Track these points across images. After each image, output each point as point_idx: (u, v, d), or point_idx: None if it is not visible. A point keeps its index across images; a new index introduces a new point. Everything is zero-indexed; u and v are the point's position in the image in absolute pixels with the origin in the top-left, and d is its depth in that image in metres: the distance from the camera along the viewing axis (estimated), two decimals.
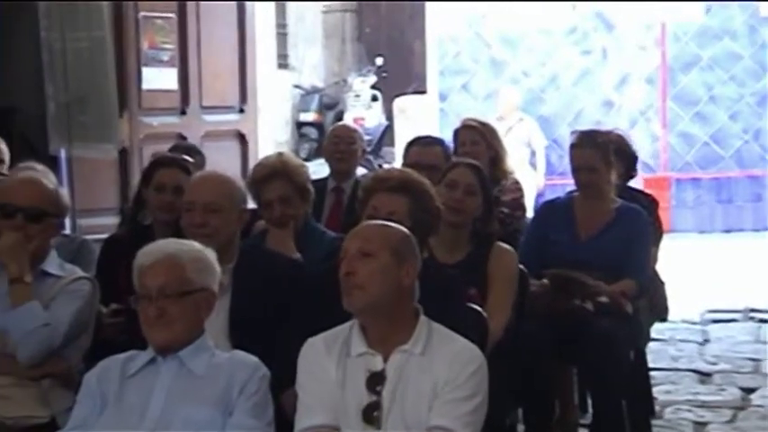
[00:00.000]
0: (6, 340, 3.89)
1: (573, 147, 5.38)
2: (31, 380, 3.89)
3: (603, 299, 5.03)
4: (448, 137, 6.35)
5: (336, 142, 6.33)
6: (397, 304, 3.29)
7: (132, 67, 8.81)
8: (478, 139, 6.01)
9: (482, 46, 12.20)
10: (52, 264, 4.10)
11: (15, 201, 4.02)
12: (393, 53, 16.92)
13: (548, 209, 5.60)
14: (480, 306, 4.21)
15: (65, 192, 4.25)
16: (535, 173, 11.23)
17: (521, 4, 11.87)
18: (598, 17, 11.98)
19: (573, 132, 5.55)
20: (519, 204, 5.94)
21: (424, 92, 13.72)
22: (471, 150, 5.89)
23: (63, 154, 7.59)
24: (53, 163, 7.41)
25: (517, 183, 6.05)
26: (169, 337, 3.35)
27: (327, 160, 6.38)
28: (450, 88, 12.24)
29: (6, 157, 6.33)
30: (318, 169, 6.44)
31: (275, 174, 4.73)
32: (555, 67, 12.06)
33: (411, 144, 5.89)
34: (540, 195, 10.77)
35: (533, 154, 11.38)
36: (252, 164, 6.74)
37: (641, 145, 10.95)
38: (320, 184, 5.90)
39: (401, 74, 16.43)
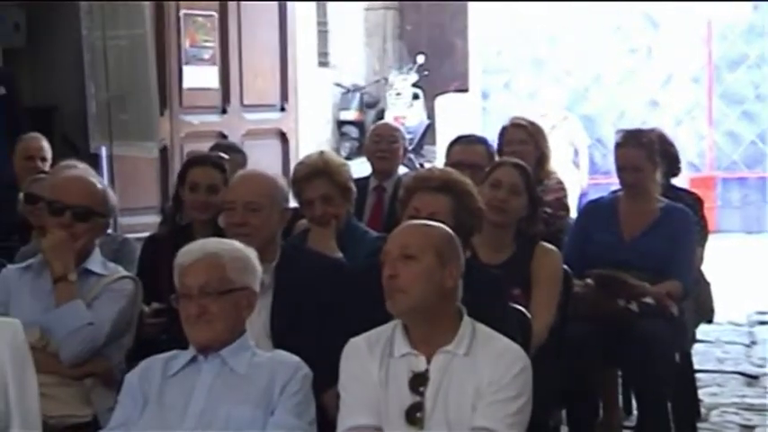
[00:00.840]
0: (50, 339, 3.90)
1: (618, 146, 5.32)
2: (73, 379, 3.90)
3: (648, 300, 4.97)
4: (490, 136, 6.30)
5: (378, 141, 6.30)
6: (441, 306, 3.25)
7: (173, 66, 8.84)
8: (526, 139, 5.93)
9: (524, 44, 12.13)
10: (95, 262, 4.10)
11: (64, 198, 4.04)
12: (434, 51, 16.87)
13: (591, 208, 5.55)
14: (524, 306, 4.17)
15: (112, 192, 4.25)
16: (578, 172, 11.14)
17: (564, 3, 11.79)
18: (644, 15, 11.87)
19: (618, 131, 5.49)
20: (562, 204, 5.87)
21: (465, 90, 13.66)
22: (519, 149, 5.82)
23: (104, 152, 7.62)
24: (94, 161, 7.45)
25: (560, 182, 5.99)
26: (210, 335, 3.34)
27: (369, 159, 6.35)
28: (493, 87, 12.18)
29: (48, 154, 6.37)
30: (359, 168, 6.40)
31: (317, 172, 4.71)
32: (599, 66, 11.97)
33: (453, 143, 5.85)
34: (583, 195, 10.68)
35: (576, 153, 11.29)
36: (293, 162, 6.73)
37: (687, 144, 10.87)
38: (362, 183, 5.87)
39: (442, 72, 16.39)
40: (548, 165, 5.98)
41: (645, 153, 5.23)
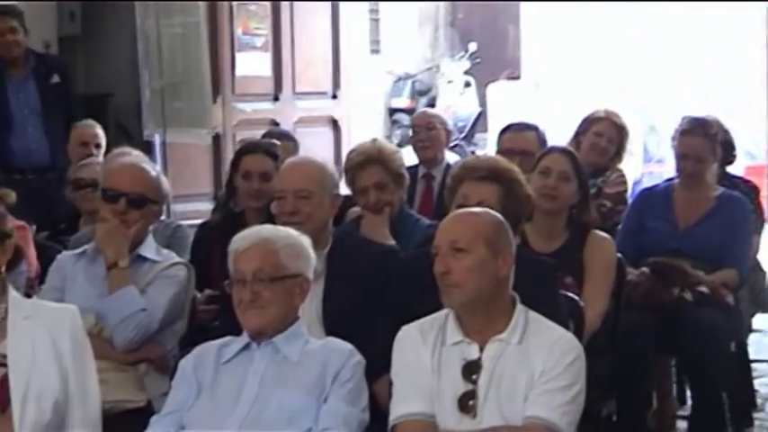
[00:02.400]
0: (104, 325, 3.93)
1: (682, 133, 5.24)
2: (127, 364, 3.93)
3: (703, 289, 4.93)
4: (542, 123, 6.25)
5: (417, 131, 6.33)
6: (495, 294, 3.24)
7: (226, 54, 8.88)
8: (613, 135, 5.86)
9: (577, 31, 12.04)
10: (149, 249, 4.13)
11: (119, 186, 4.07)
12: (487, 38, 16.78)
13: (646, 197, 5.49)
14: (577, 295, 4.14)
15: (165, 179, 4.28)
16: (633, 160, 11.03)
17: None
18: (698, 2, 11.73)
19: (684, 118, 5.38)
20: (622, 199, 5.80)
21: (517, 78, 13.59)
22: (602, 144, 5.78)
23: (157, 139, 7.67)
24: (148, 148, 7.49)
25: (623, 176, 5.91)
26: (263, 321, 3.35)
27: (414, 151, 6.36)
28: (545, 74, 12.10)
29: (103, 141, 6.42)
30: (411, 156, 6.40)
31: (370, 160, 4.71)
32: (653, 52, 11.84)
33: (504, 130, 5.82)
34: (636, 183, 10.59)
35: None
36: (345, 150, 6.74)
37: (742, 132, 10.72)
38: (411, 171, 5.86)
39: (495, 59, 16.29)
40: (620, 161, 5.92)
41: (709, 144, 5.17)
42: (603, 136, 5.82)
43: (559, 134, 6.61)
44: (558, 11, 12.04)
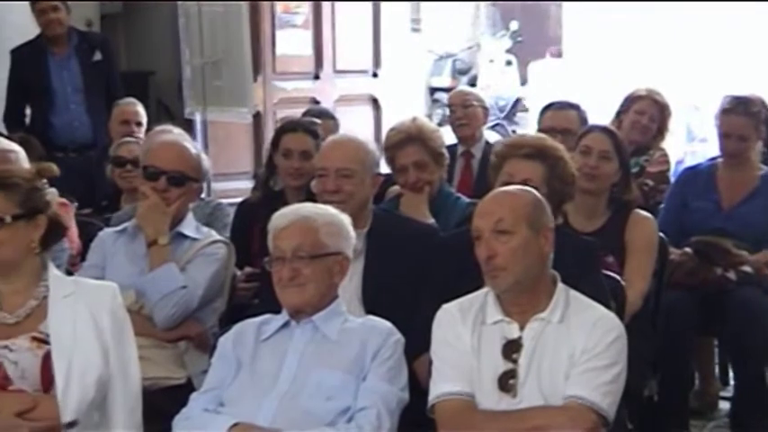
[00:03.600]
0: (144, 302, 3.95)
1: (725, 112, 5.18)
2: (167, 342, 3.95)
3: (747, 269, 4.89)
4: (583, 102, 6.20)
5: (453, 110, 6.33)
6: (538, 274, 3.22)
7: (267, 32, 8.88)
8: (655, 114, 5.83)
9: (619, 9, 11.92)
10: (189, 226, 4.14)
11: (160, 164, 4.08)
12: (528, 17, 16.67)
13: (689, 176, 5.44)
14: (618, 274, 4.11)
15: (206, 157, 4.28)
16: (675, 139, 10.94)
17: None
18: None
19: (726, 97, 5.32)
20: (665, 178, 5.77)
21: (560, 56, 13.49)
22: (644, 122, 5.75)
23: (198, 117, 7.69)
24: (188, 126, 7.51)
25: (665, 155, 5.88)
26: (302, 298, 3.35)
27: (452, 129, 6.34)
28: (587, 52, 12.01)
29: (144, 119, 6.44)
30: (451, 135, 6.38)
31: (410, 138, 4.69)
32: (693, 29, 11.72)
33: (545, 109, 5.81)
34: (679, 162, 10.50)
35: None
36: (385, 129, 6.71)
37: None
38: (450, 149, 5.84)
39: (536, 38, 16.18)
40: (662, 140, 5.88)
41: (752, 122, 5.12)
42: (645, 114, 5.80)
43: (601, 113, 6.56)
44: None
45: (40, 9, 6.83)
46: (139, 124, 6.39)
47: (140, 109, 6.46)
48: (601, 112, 6.61)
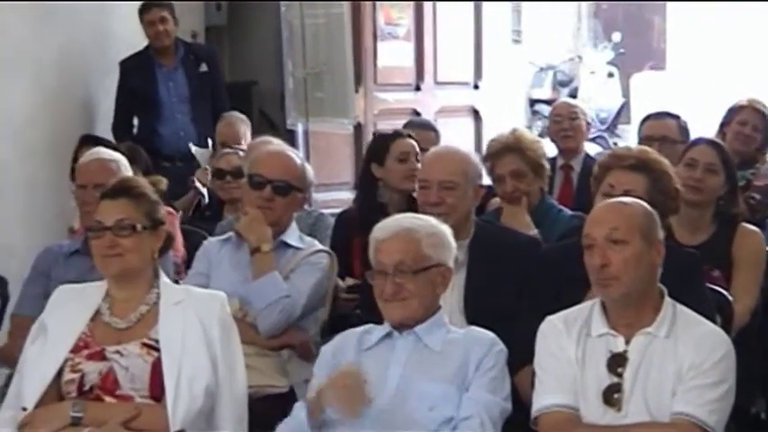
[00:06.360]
0: (248, 310, 3.98)
1: None
2: (270, 350, 3.97)
3: None
4: (687, 115, 6.12)
5: (559, 120, 6.25)
6: (647, 286, 3.19)
7: (368, 43, 8.90)
8: (758, 124, 5.74)
9: (722, 21, 11.76)
10: (292, 236, 4.17)
11: (265, 173, 4.12)
12: (631, 29, 16.51)
13: None
14: (725, 289, 4.04)
15: (310, 167, 4.32)
16: None
17: None
18: None
19: None
20: None
21: (662, 69, 13.34)
22: (748, 133, 5.66)
23: (300, 128, 7.75)
24: (290, 137, 7.58)
25: None
26: (405, 313, 3.35)
27: (553, 140, 6.29)
28: (690, 65, 11.85)
29: (247, 137, 6.46)
30: (553, 147, 6.34)
31: (508, 148, 4.70)
32: None
33: (645, 119, 5.79)
34: None
35: None
36: (485, 140, 6.69)
37: None
38: (550, 162, 5.80)
39: (639, 50, 16.01)
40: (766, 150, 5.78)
41: None
42: (747, 124, 5.71)
43: (705, 126, 6.47)
44: (705, 1, 11.77)
45: (149, 20, 6.95)
46: (243, 138, 6.45)
47: (243, 128, 6.49)
48: (705, 125, 6.52)
